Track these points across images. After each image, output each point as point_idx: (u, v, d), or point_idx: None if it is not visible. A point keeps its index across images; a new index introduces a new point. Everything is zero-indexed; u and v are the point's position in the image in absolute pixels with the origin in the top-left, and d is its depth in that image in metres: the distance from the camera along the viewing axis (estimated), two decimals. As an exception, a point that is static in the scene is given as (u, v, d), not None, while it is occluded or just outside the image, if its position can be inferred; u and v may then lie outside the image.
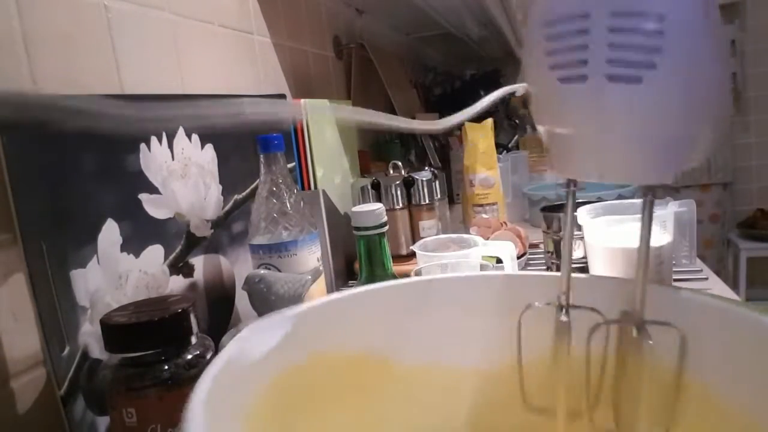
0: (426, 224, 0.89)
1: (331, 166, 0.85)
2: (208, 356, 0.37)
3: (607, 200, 0.77)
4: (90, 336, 0.42)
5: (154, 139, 0.51)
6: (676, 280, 0.68)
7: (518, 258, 0.78)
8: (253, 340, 0.28)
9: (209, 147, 0.58)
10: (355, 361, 0.32)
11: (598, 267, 0.60)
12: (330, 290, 0.78)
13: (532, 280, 0.34)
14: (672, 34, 0.21)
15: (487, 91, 1.80)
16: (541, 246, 0.89)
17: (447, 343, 0.33)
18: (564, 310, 0.28)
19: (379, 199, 0.87)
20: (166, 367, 0.35)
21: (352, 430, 0.32)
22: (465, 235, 0.69)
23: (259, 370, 0.28)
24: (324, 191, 0.78)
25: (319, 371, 0.31)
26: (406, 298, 0.34)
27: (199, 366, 0.36)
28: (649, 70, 0.21)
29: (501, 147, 1.56)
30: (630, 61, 0.22)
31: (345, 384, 0.32)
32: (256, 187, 0.59)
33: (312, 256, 0.56)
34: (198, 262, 0.55)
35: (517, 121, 1.74)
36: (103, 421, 0.42)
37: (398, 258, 0.87)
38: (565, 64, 0.23)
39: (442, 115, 1.52)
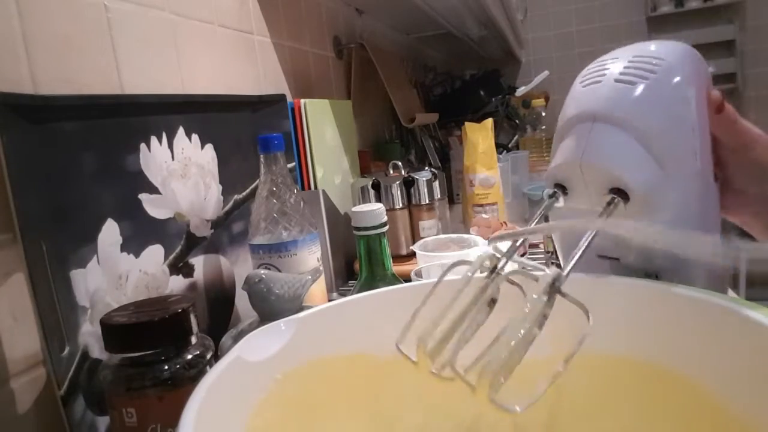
0: (426, 224, 0.89)
1: (331, 166, 0.85)
2: (208, 356, 0.37)
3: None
4: (90, 336, 0.42)
5: (154, 139, 0.51)
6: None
7: (518, 258, 0.77)
8: (253, 347, 0.28)
9: (209, 147, 0.58)
10: (355, 365, 0.32)
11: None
12: (330, 290, 0.78)
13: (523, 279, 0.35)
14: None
15: (487, 91, 1.81)
16: (541, 246, 0.89)
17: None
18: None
19: (379, 199, 0.87)
20: (166, 367, 0.35)
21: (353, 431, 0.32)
22: (465, 235, 0.69)
23: (259, 375, 0.28)
24: (324, 191, 0.78)
25: (319, 376, 0.31)
26: (405, 301, 0.34)
27: (199, 366, 0.36)
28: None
29: (501, 147, 1.56)
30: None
31: (345, 387, 0.32)
32: (256, 187, 0.59)
33: (312, 256, 0.56)
34: (198, 262, 0.55)
35: (517, 121, 1.74)
36: (103, 421, 0.42)
37: (398, 258, 0.87)
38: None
39: (442, 116, 1.52)
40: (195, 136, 0.56)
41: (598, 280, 0.31)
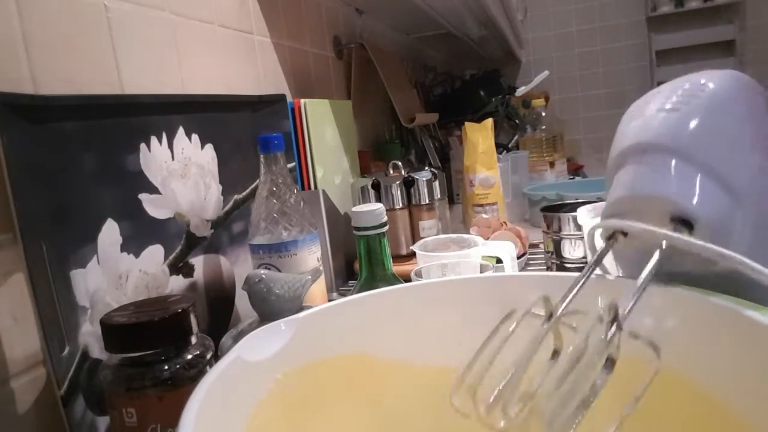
0: (426, 224, 0.89)
1: (331, 166, 0.85)
2: (208, 356, 0.37)
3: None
4: (90, 336, 0.42)
5: (154, 139, 0.51)
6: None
7: (518, 258, 0.78)
8: (253, 347, 0.28)
9: (209, 147, 0.58)
10: (355, 365, 0.32)
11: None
12: (330, 290, 0.78)
13: (527, 280, 0.34)
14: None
15: (487, 91, 1.80)
16: (541, 246, 0.89)
17: (447, 344, 0.33)
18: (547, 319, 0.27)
19: (379, 199, 0.87)
20: (166, 367, 0.35)
21: (354, 431, 0.32)
22: (465, 235, 0.69)
23: (259, 375, 0.28)
24: (324, 191, 0.78)
25: (319, 376, 0.31)
26: (404, 301, 0.34)
27: (199, 366, 0.36)
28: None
29: (501, 147, 1.56)
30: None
31: (345, 387, 0.32)
32: (256, 187, 0.59)
33: (312, 256, 0.56)
34: (198, 262, 0.55)
35: (517, 121, 1.74)
36: (103, 421, 0.42)
37: (398, 258, 0.87)
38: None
39: (442, 116, 1.52)
40: (195, 136, 0.56)
41: (598, 279, 0.31)
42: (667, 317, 0.28)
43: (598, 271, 0.31)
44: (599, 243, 0.32)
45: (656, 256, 0.27)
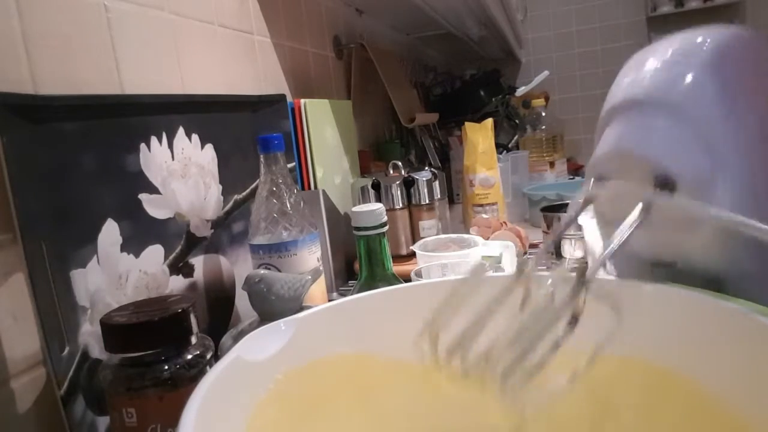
0: (426, 224, 0.89)
1: (331, 166, 0.85)
2: (208, 356, 0.37)
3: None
4: (90, 336, 0.42)
5: (154, 139, 0.51)
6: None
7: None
8: (253, 347, 0.28)
9: (209, 147, 0.58)
10: (355, 365, 0.32)
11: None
12: (330, 290, 0.78)
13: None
14: None
15: (487, 91, 1.80)
16: (541, 246, 0.89)
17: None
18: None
19: (379, 199, 0.87)
20: (166, 367, 0.35)
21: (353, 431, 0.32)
22: (465, 235, 0.69)
23: (259, 375, 0.28)
24: (324, 191, 0.78)
25: (319, 376, 0.31)
26: (405, 301, 0.34)
27: (199, 366, 0.36)
28: None
29: (501, 147, 1.56)
30: None
31: (345, 387, 0.32)
32: (256, 187, 0.59)
33: (312, 256, 0.56)
34: (198, 262, 0.55)
35: (517, 121, 1.74)
36: (103, 421, 0.42)
37: (398, 258, 0.87)
38: None
39: (442, 116, 1.52)
40: (195, 136, 0.56)
41: (599, 280, 0.31)
42: (667, 317, 0.28)
43: (601, 273, 0.31)
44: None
45: (637, 209, 0.26)
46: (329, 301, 0.38)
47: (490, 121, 1.06)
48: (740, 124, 0.29)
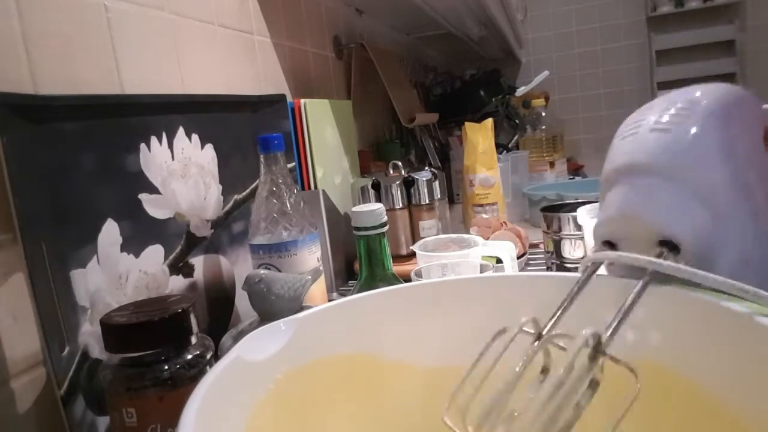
0: (426, 224, 0.89)
1: (331, 166, 0.85)
2: (208, 356, 0.37)
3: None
4: (90, 336, 0.42)
5: (154, 139, 0.51)
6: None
7: (518, 258, 0.78)
8: (252, 347, 0.28)
9: (209, 147, 0.58)
10: (355, 365, 0.32)
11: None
12: (330, 290, 0.78)
13: (526, 280, 0.34)
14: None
15: (487, 91, 1.80)
16: (541, 246, 0.89)
17: (447, 345, 0.33)
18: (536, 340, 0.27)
19: (379, 199, 0.87)
20: (166, 367, 0.35)
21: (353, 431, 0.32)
22: (465, 235, 0.69)
23: (259, 375, 0.28)
24: (324, 191, 0.78)
25: (319, 376, 0.31)
26: (404, 301, 0.34)
27: (199, 366, 0.36)
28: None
29: (501, 147, 1.56)
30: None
31: (345, 387, 0.32)
32: (256, 187, 0.59)
33: (312, 256, 0.56)
34: (198, 262, 0.55)
35: (517, 121, 1.74)
36: (103, 421, 0.42)
37: (398, 258, 0.87)
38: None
39: (442, 116, 1.53)
40: (195, 136, 0.56)
41: (601, 280, 0.31)
42: (666, 318, 0.28)
43: (602, 270, 0.31)
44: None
45: (641, 283, 0.27)
46: (329, 301, 0.38)
47: (490, 121, 1.06)
48: (742, 181, 0.30)
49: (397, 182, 0.87)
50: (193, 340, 0.37)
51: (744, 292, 0.25)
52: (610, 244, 0.33)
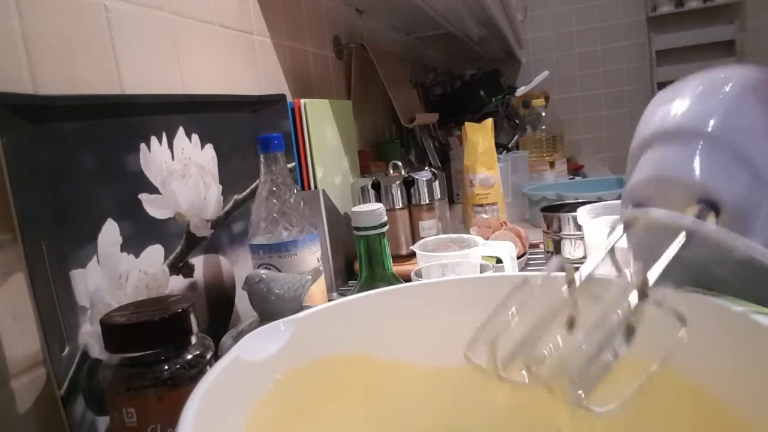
0: (426, 224, 0.89)
1: (331, 166, 0.85)
2: (208, 356, 0.37)
3: (607, 200, 0.77)
4: (90, 336, 0.42)
5: (154, 139, 0.51)
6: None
7: (518, 258, 0.78)
8: (252, 347, 0.28)
9: (209, 147, 0.58)
10: (355, 365, 0.32)
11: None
12: (330, 290, 0.78)
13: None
14: None
15: (487, 91, 1.80)
16: (541, 246, 0.89)
17: (447, 345, 0.33)
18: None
19: (379, 199, 0.87)
20: (166, 367, 0.35)
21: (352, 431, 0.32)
22: (465, 235, 0.69)
23: (258, 375, 0.28)
24: (324, 191, 0.78)
25: (319, 376, 0.31)
26: (404, 301, 0.34)
27: (199, 366, 0.36)
28: None
29: (501, 147, 1.56)
30: None
31: (345, 387, 0.32)
32: (256, 187, 0.59)
33: (312, 256, 0.56)
34: (198, 262, 0.55)
35: (517, 121, 1.74)
36: (103, 421, 0.42)
37: (398, 258, 0.87)
38: None
39: (442, 116, 1.53)
40: (195, 136, 0.56)
41: (602, 280, 0.31)
42: (666, 318, 0.28)
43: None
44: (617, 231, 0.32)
45: (681, 237, 0.27)
46: (329, 301, 0.38)
47: (490, 121, 1.06)
48: None
49: (397, 182, 0.87)
50: (193, 340, 0.37)
51: None
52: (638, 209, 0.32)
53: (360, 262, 0.54)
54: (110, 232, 0.45)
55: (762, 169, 0.29)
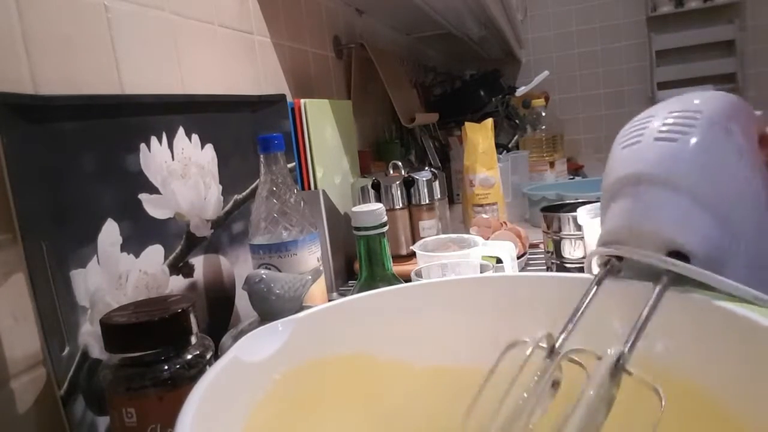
0: (426, 224, 0.89)
1: (331, 166, 0.85)
2: (208, 356, 0.37)
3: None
4: (90, 336, 0.42)
5: (154, 139, 0.51)
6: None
7: (518, 258, 0.78)
8: (250, 347, 0.28)
9: (209, 147, 0.58)
10: (355, 365, 0.32)
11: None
12: (330, 290, 0.78)
13: (524, 281, 0.34)
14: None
15: (487, 91, 1.80)
16: (541, 246, 0.89)
17: (446, 345, 0.34)
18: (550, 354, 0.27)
19: (379, 199, 0.87)
20: (166, 367, 0.35)
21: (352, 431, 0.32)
22: (465, 235, 0.69)
23: (257, 375, 0.28)
24: (324, 191, 0.78)
25: (318, 376, 0.31)
26: (404, 301, 0.34)
27: (198, 366, 0.36)
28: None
29: (501, 147, 1.56)
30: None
31: (344, 387, 0.32)
32: (256, 187, 0.59)
33: (312, 256, 0.56)
34: (198, 262, 0.55)
35: (517, 121, 1.74)
36: (103, 421, 0.42)
37: (398, 258, 0.87)
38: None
39: (442, 116, 1.52)
40: (195, 136, 0.56)
41: (611, 283, 0.31)
42: (666, 318, 0.28)
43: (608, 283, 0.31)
44: (596, 269, 0.32)
45: (656, 291, 0.27)
46: (329, 301, 0.38)
47: (490, 121, 1.06)
48: (747, 187, 0.30)
49: (397, 182, 0.87)
50: (193, 340, 0.37)
51: (756, 298, 0.25)
52: (617, 258, 0.32)
53: (360, 262, 0.54)
54: (110, 232, 0.45)
55: (732, 218, 0.29)
